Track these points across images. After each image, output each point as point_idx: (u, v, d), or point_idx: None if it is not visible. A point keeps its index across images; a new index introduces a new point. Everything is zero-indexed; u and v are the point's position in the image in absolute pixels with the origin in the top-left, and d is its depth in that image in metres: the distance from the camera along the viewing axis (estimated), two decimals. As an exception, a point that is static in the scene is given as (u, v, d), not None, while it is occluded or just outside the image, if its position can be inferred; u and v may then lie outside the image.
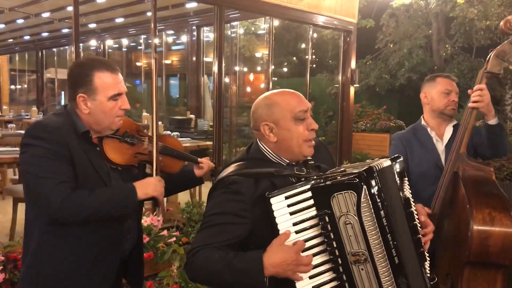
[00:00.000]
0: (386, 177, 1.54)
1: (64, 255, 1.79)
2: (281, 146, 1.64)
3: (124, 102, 1.89)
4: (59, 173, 1.70)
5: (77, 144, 1.78)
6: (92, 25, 9.24)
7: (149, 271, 3.79)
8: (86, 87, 1.82)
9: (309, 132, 1.63)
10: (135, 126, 2.09)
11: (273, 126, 1.63)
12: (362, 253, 1.46)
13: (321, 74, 12.39)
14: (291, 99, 1.65)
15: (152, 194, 1.87)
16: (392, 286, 1.48)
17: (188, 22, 8.48)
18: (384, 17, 11.32)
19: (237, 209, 1.53)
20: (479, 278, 2.13)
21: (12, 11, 7.94)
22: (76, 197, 1.69)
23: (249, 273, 1.43)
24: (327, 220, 1.47)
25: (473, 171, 2.29)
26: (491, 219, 2.07)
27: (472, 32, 10.10)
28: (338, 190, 1.46)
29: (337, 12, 6.24)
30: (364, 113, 11.02)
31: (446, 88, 2.65)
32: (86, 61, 1.92)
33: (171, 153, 2.17)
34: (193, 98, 8.86)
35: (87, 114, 1.84)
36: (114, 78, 1.86)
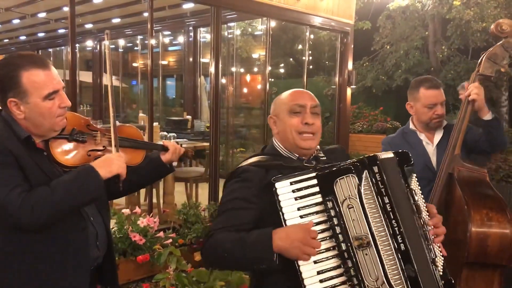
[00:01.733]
0: (390, 166, 1.58)
1: (27, 272, 1.65)
2: (281, 138, 1.77)
3: (62, 100, 1.69)
4: (9, 179, 1.55)
5: (22, 151, 1.61)
6: (88, 26, 9.21)
7: (145, 273, 3.78)
8: (15, 90, 1.61)
9: (303, 125, 1.71)
10: (84, 120, 1.89)
11: (276, 119, 1.79)
12: (364, 237, 1.48)
13: (318, 75, 12.40)
14: (292, 94, 1.78)
15: (116, 171, 1.69)
16: (397, 272, 1.48)
17: (185, 23, 8.46)
18: (381, 19, 11.33)
19: (247, 195, 1.62)
20: (477, 278, 2.14)
21: (8, 11, 7.90)
22: (34, 196, 1.55)
23: (258, 246, 1.48)
24: (331, 206, 1.51)
25: (468, 172, 2.30)
26: (489, 219, 2.08)
27: (468, 34, 10.12)
28: (341, 174, 1.52)
29: (334, 13, 6.25)
30: (360, 114, 11.03)
31: (430, 102, 2.59)
32: (11, 59, 1.67)
33: (130, 144, 1.98)
34: (189, 99, 8.84)
35: (23, 119, 1.65)
36: (46, 74, 1.65)
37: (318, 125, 1.75)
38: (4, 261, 1.64)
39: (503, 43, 2.41)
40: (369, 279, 1.47)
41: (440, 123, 2.65)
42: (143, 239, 3.72)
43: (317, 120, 1.76)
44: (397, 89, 10.88)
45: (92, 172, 1.64)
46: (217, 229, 1.59)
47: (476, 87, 2.38)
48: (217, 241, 1.56)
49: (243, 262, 1.54)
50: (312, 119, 1.72)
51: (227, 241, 1.53)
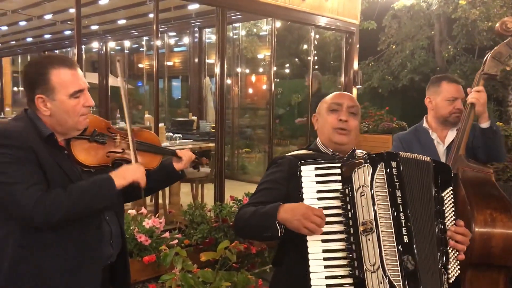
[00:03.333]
0: (419, 167, 1.68)
1: (42, 268, 1.69)
2: (320, 133, 1.96)
3: (87, 99, 1.78)
4: (27, 177, 1.60)
5: (43, 148, 1.67)
6: (94, 27, 9.24)
7: (151, 274, 3.79)
8: (43, 87, 1.69)
9: (338, 122, 1.87)
10: (105, 123, 1.96)
11: (318, 116, 1.99)
12: (369, 222, 1.57)
13: (324, 75, 12.37)
14: (333, 95, 1.98)
15: (132, 178, 1.75)
16: (393, 259, 1.53)
17: (190, 24, 8.48)
18: (386, 19, 11.30)
19: (277, 177, 1.83)
20: (482, 280, 2.13)
21: (15, 13, 7.95)
22: (49, 197, 1.60)
23: (267, 215, 1.65)
24: (346, 192, 1.63)
25: (472, 172, 2.29)
26: (493, 220, 2.07)
27: (474, 33, 10.08)
28: (359, 164, 1.64)
29: (339, 13, 6.24)
30: (366, 114, 10.99)
31: (452, 95, 2.59)
32: (41, 58, 1.79)
33: (147, 148, 2.03)
34: (195, 100, 8.85)
35: (48, 116, 1.73)
36: (73, 74, 1.73)
37: (353, 124, 1.89)
38: (20, 255, 1.68)
39: (508, 42, 2.40)
40: (368, 263, 1.55)
41: (458, 118, 2.61)
42: (149, 240, 3.73)
43: (353, 119, 1.90)
44: (403, 89, 10.85)
45: (108, 181, 1.71)
46: (246, 205, 1.81)
47: (476, 90, 2.37)
48: (240, 214, 1.78)
49: (256, 230, 1.71)
50: (347, 117, 1.88)
51: (247, 213, 1.73)
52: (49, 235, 1.68)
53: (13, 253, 1.68)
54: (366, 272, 1.54)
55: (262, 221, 1.66)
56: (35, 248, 1.69)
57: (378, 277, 1.52)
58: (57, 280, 1.71)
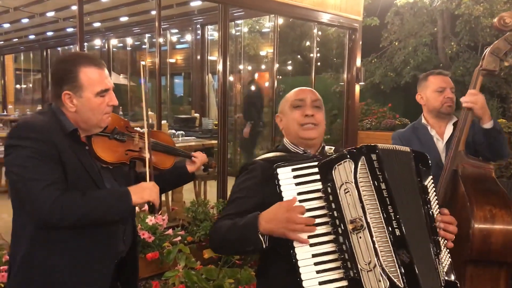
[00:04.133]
0: (398, 158, 1.64)
1: (56, 260, 1.72)
2: (287, 132, 1.89)
3: (112, 98, 1.83)
4: (47, 174, 1.62)
5: (65, 143, 1.70)
6: (96, 24, 9.24)
7: (154, 271, 3.79)
8: (72, 84, 1.74)
9: (304, 117, 1.81)
10: (124, 122, 2.04)
11: (282, 116, 1.91)
12: (358, 219, 1.51)
13: (326, 72, 12.35)
14: (293, 92, 1.91)
15: (148, 198, 1.80)
16: (390, 255, 1.49)
17: (193, 21, 8.47)
18: (389, 15, 11.27)
19: (250, 185, 1.73)
20: (482, 276, 2.12)
21: (17, 11, 7.96)
22: (66, 199, 1.62)
23: (246, 229, 1.56)
24: (329, 191, 1.55)
25: (472, 168, 2.28)
26: (492, 216, 2.06)
27: (477, 30, 10.03)
28: (339, 160, 1.58)
29: (342, 9, 6.22)
30: (369, 111, 10.97)
31: (439, 86, 2.63)
32: (71, 56, 1.85)
33: (163, 149, 2.12)
34: (197, 97, 8.86)
35: (73, 112, 1.77)
36: (100, 73, 1.79)
37: (319, 117, 1.84)
38: (34, 246, 1.71)
39: (506, 37, 2.37)
40: (362, 262, 1.49)
41: (451, 108, 2.63)
42: (152, 237, 3.73)
43: (318, 112, 1.85)
44: (405, 85, 10.82)
45: (126, 196, 1.74)
46: (220, 218, 1.72)
47: (471, 94, 2.35)
48: (216, 228, 1.69)
49: (236, 245, 1.62)
50: (312, 111, 1.82)
51: (223, 227, 1.64)
52: (62, 231, 1.71)
53: (26, 246, 1.71)
54: (362, 272, 1.48)
55: (242, 235, 1.57)
56: (49, 240, 1.72)
57: (375, 275, 1.47)
58: (69, 273, 1.74)
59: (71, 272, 1.74)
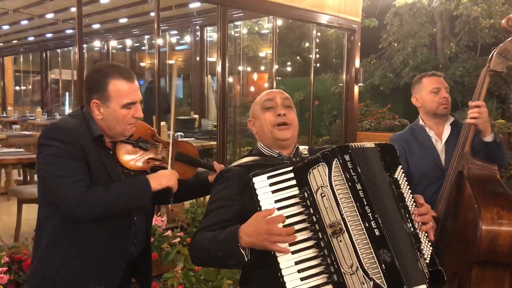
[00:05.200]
0: (367, 156, 1.61)
1: (72, 254, 1.83)
2: (260, 136, 1.85)
3: (137, 111, 1.91)
4: (75, 172, 1.75)
5: (91, 146, 1.82)
6: (95, 26, 9.25)
7: (153, 272, 3.77)
8: (101, 94, 1.84)
9: (276, 117, 1.78)
10: (150, 131, 2.10)
11: (254, 120, 1.88)
12: (337, 223, 1.50)
13: (325, 73, 12.36)
14: (263, 94, 1.89)
15: (166, 184, 1.88)
16: (371, 257, 1.48)
17: (192, 22, 8.48)
18: (388, 16, 11.28)
19: (228, 194, 1.69)
20: (487, 278, 2.12)
21: (16, 13, 7.96)
22: (92, 194, 1.74)
23: (227, 243, 1.53)
24: (306, 196, 1.54)
25: (478, 170, 2.27)
26: (499, 218, 2.05)
27: (476, 30, 10.04)
28: (313, 164, 1.56)
29: (341, 11, 6.23)
30: (368, 112, 10.99)
31: (434, 87, 2.61)
32: (104, 67, 1.93)
33: (186, 159, 2.18)
34: (197, 98, 8.86)
35: (100, 120, 1.88)
36: (129, 86, 1.87)
37: (291, 116, 1.81)
38: (54, 239, 1.83)
39: None
40: (345, 266, 1.48)
41: (447, 109, 2.63)
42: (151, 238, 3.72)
43: (290, 112, 1.82)
44: (405, 86, 10.82)
45: (145, 183, 1.85)
46: (200, 230, 1.68)
47: (477, 105, 2.33)
48: (197, 241, 1.66)
49: (218, 259, 1.59)
50: (284, 110, 1.80)
51: (204, 240, 1.61)
52: (82, 227, 1.81)
53: (49, 237, 1.83)
54: (345, 275, 1.47)
55: (223, 249, 1.54)
56: (68, 236, 1.82)
57: (359, 278, 1.46)
58: (81, 270, 1.84)
59: (85, 267, 1.85)
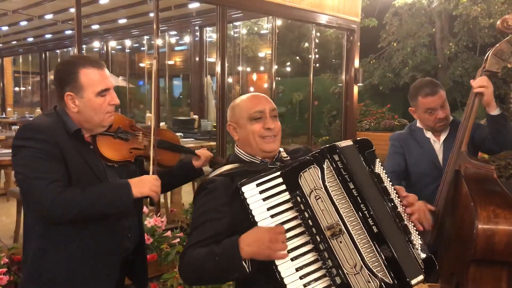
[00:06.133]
0: (351, 154, 1.59)
1: (64, 256, 1.79)
2: (243, 144, 1.78)
3: (113, 98, 1.87)
4: (50, 172, 1.69)
5: (69, 143, 1.78)
6: (95, 27, 9.25)
7: (153, 272, 3.78)
8: (73, 85, 1.80)
9: (265, 130, 1.74)
10: (128, 121, 2.07)
11: (235, 126, 1.79)
12: (336, 224, 1.49)
13: (325, 73, 12.37)
14: (249, 101, 1.79)
15: (147, 193, 1.81)
16: (373, 254, 1.48)
17: (191, 23, 8.48)
18: (387, 16, 11.30)
19: (216, 205, 1.61)
20: (485, 276, 2.13)
21: (16, 13, 7.96)
22: (67, 195, 1.68)
23: (227, 256, 1.47)
24: (299, 200, 1.52)
25: (474, 169, 2.28)
26: (496, 216, 2.06)
27: (475, 30, 10.05)
28: (303, 167, 1.54)
29: (340, 11, 6.23)
30: (368, 112, 11.00)
31: (427, 108, 2.56)
32: (71, 59, 1.92)
33: (168, 146, 2.15)
34: (196, 99, 8.86)
35: (76, 113, 1.83)
36: (100, 73, 1.84)
37: (278, 128, 1.78)
38: (42, 245, 1.79)
39: (509, 39, 2.39)
40: (347, 266, 1.47)
41: (445, 125, 2.61)
42: (150, 239, 3.72)
43: (277, 122, 1.79)
44: (404, 86, 10.84)
45: (126, 189, 1.76)
46: (190, 246, 1.58)
47: (483, 79, 2.35)
48: (190, 259, 1.55)
49: (218, 275, 1.54)
50: (273, 123, 1.75)
51: (199, 257, 1.53)
52: (69, 228, 1.77)
53: (36, 243, 1.79)
54: (349, 276, 1.46)
55: (223, 263, 1.48)
56: (56, 239, 1.78)
57: (363, 277, 1.46)
58: (75, 271, 1.81)
59: (78, 268, 1.81)
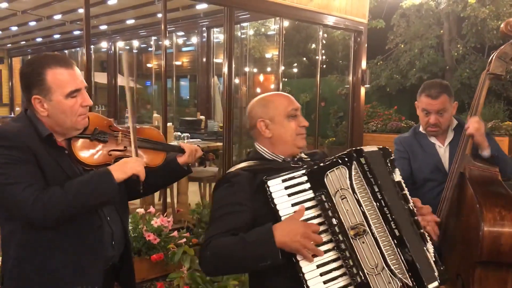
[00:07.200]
0: (376, 159, 1.65)
1: (44, 267, 1.69)
2: (276, 141, 1.79)
3: (84, 99, 1.73)
4: (24, 176, 1.58)
5: (42, 149, 1.65)
6: (103, 27, 9.29)
7: (159, 272, 3.81)
8: (40, 88, 1.66)
9: (301, 128, 1.80)
10: (107, 121, 1.92)
11: (269, 123, 1.79)
12: (360, 225, 1.52)
13: (332, 74, 12.35)
14: (284, 99, 1.83)
15: (131, 171, 1.68)
16: (395, 256, 1.52)
17: (198, 24, 8.50)
18: (395, 17, 11.27)
19: (238, 199, 1.62)
20: (490, 278, 2.13)
21: (25, 14, 8.01)
22: (45, 196, 1.57)
23: (261, 243, 1.47)
24: (324, 199, 1.54)
25: (479, 171, 2.28)
26: (502, 218, 2.07)
27: (483, 32, 10.01)
28: (330, 167, 1.58)
29: (347, 12, 6.23)
30: (375, 113, 10.97)
31: (423, 108, 2.55)
32: (36, 58, 1.74)
33: (150, 146, 1.98)
34: (203, 99, 8.88)
35: (46, 117, 1.69)
36: (69, 73, 1.69)
37: None
38: (21, 255, 1.68)
39: None
40: (368, 267, 1.50)
41: (435, 133, 2.57)
42: (157, 239, 3.74)
43: None
44: (411, 88, 10.81)
45: (106, 175, 1.64)
46: (213, 236, 1.56)
47: (475, 121, 2.32)
48: (217, 247, 1.53)
49: (247, 263, 1.52)
50: (306, 121, 1.83)
51: (227, 245, 1.52)
52: (49, 236, 1.67)
53: (15, 253, 1.69)
54: (369, 276, 1.49)
55: (256, 250, 1.47)
56: (36, 248, 1.68)
57: (384, 278, 1.49)
58: (58, 281, 1.71)
59: (59, 279, 1.71)
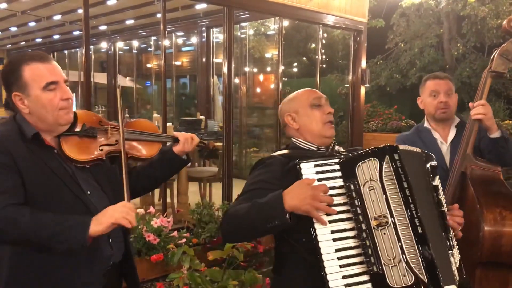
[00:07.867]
0: (413, 158, 1.70)
1: (40, 273, 1.67)
2: (303, 131, 1.90)
3: (64, 91, 1.71)
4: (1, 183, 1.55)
5: (26, 151, 1.63)
6: (102, 27, 9.29)
7: (159, 273, 3.80)
8: (18, 84, 1.67)
9: (327, 116, 1.89)
10: (96, 117, 1.91)
11: (295, 115, 1.92)
12: (384, 216, 1.56)
13: (332, 74, 12.33)
14: (305, 91, 1.96)
15: (109, 221, 1.57)
16: (414, 252, 1.55)
17: (198, 24, 8.49)
18: (395, 17, 11.26)
19: (267, 177, 1.73)
20: (491, 278, 2.13)
21: (24, 14, 8.01)
22: (11, 212, 1.52)
23: (270, 205, 1.56)
24: (352, 188, 1.59)
25: (480, 170, 2.28)
26: (502, 218, 2.06)
27: (484, 31, 9.99)
28: (363, 159, 1.63)
29: (347, 11, 6.22)
30: (375, 113, 10.95)
31: (432, 90, 2.58)
32: (15, 57, 1.77)
33: (141, 137, 1.96)
34: (203, 99, 8.87)
35: (28, 114, 1.69)
36: (45, 67, 1.69)
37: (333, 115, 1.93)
38: (17, 258, 1.67)
39: None
40: (386, 257, 1.53)
41: (446, 114, 2.60)
42: (157, 239, 3.73)
43: None
44: (411, 87, 10.79)
45: (81, 226, 1.57)
46: (233, 205, 1.72)
47: (481, 104, 2.33)
48: (231, 212, 1.67)
49: (257, 223, 1.59)
50: (331, 108, 1.92)
51: (241, 208, 1.63)
52: None
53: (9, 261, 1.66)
54: (385, 267, 1.52)
55: (265, 211, 1.56)
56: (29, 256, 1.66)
57: (399, 270, 1.52)
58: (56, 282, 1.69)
59: (58, 279, 1.69)
